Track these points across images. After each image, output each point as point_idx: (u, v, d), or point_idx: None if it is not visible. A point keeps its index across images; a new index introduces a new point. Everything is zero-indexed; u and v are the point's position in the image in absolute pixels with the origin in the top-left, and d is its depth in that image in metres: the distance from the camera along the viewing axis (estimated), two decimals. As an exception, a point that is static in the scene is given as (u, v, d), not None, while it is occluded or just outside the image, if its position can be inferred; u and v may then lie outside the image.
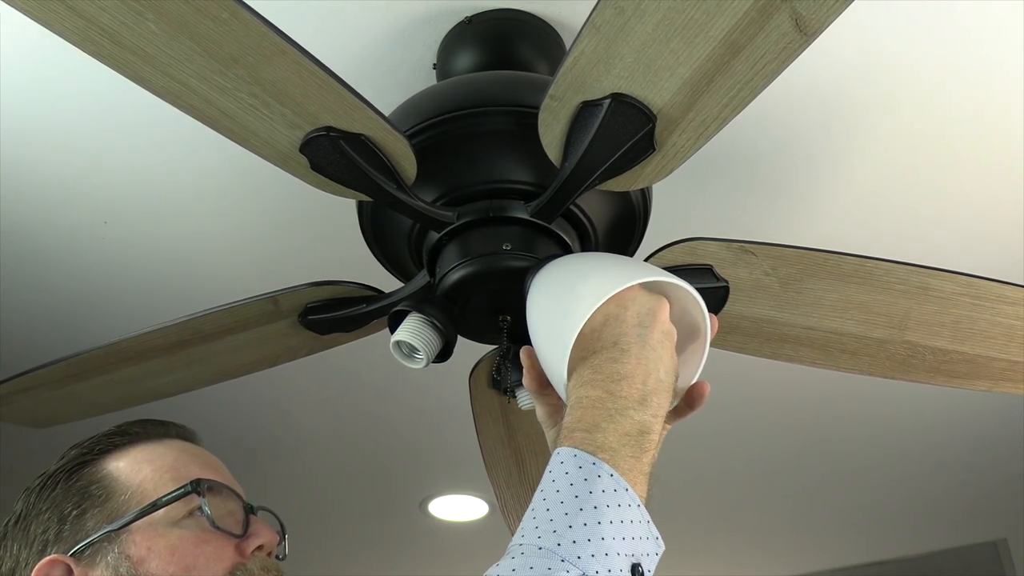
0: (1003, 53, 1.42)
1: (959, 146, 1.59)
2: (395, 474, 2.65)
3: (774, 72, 0.95)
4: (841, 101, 1.51)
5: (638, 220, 1.25)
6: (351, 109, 1.01)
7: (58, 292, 1.86)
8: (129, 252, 1.77)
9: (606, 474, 0.75)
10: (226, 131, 1.03)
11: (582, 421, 0.79)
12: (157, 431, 0.96)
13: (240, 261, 1.81)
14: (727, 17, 0.90)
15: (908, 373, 1.37)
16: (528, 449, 1.56)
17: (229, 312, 1.31)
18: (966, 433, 2.49)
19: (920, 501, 2.87)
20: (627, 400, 0.80)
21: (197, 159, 1.58)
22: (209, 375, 1.45)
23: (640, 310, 0.86)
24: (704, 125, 1.02)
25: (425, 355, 1.12)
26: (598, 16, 0.92)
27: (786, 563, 3.31)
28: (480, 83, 1.23)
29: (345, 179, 1.09)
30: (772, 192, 1.69)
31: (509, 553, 0.71)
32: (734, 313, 1.30)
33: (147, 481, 0.89)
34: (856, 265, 1.24)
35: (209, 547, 0.86)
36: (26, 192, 1.62)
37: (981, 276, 1.25)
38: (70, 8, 0.89)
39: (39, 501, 0.89)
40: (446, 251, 1.17)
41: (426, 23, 1.37)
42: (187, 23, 0.90)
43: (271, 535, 0.90)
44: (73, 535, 0.86)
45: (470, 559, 3.12)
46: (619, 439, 0.78)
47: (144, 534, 0.85)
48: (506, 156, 1.17)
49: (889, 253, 1.33)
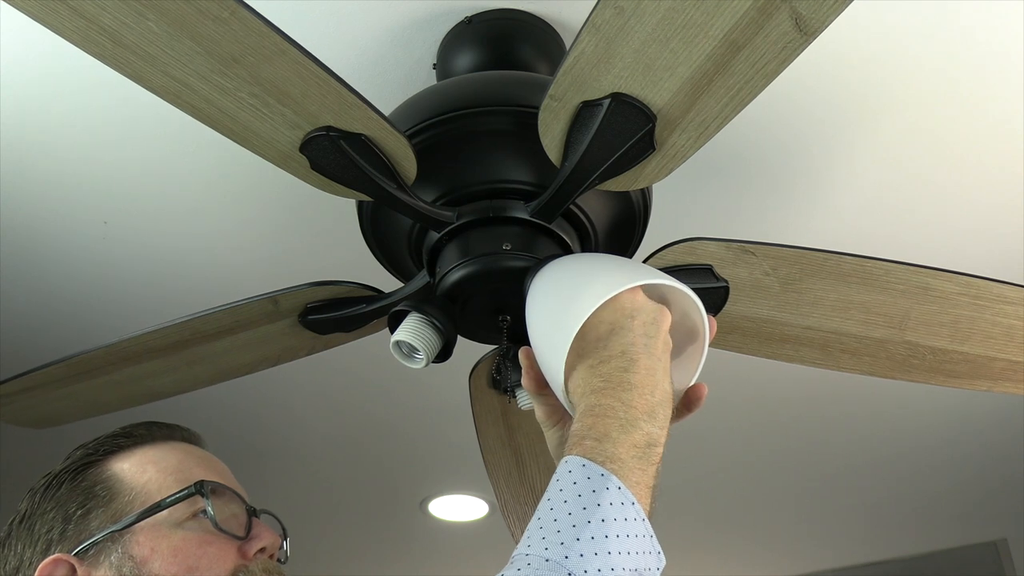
0: (1004, 53, 1.42)
1: (959, 146, 1.59)
2: (395, 474, 2.65)
3: (774, 72, 0.95)
4: (841, 101, 1.51)
5: (638, 220, 1.25)
6: (351, 109, 1.01)
7: (58, 292, 1.86)
8: (129, 252, 1.77)
9: (614, 486, 0.75)
10: (226, 131, 1.04)
11: (593, 429, 0.79)
12: (162, 433, 0.96)
13: (240, 261, 1.81)
14: (727, 17, 0.90)
15: (908, 373, 1.37)
16: (528, 449, 1.56)
17: (229, 312, 1.31)
18: (966, 433, 2.49)
19: (920, 501, 2.87)
20: (638, 411, 0.81)
21: (197, 159, 1.58)
22: (209, 375, 1.45)
23: (646, 319, 0.86)
24: (704, 125, 1.02)
25: (425, 355, 1.12)
26: (598, 16, 0.92)
27: (786, 563, 3.30)
28: (480, 83, 1.23)
29: (345, 179, 1.09)
30: (772, 192, 1.69)
31: (514, 562, 0.72)
32: (734, 313, 1.30)
33: (151, 482, 0.89)
34: (856, 265, 1.24)
35: (212, 548, 0.86)
36: (26, 192, 1.62)
37: (981, 276, 1.25)
38: (71, 8, 0.89)
39: (44, 501, 0.90)
40: (446, 251, 1.17)
41: (426, 23, 1.38)
42: (188, 23, 0.90)
43: (273, 537, 0.91)
44: (77, 535, 0.87)
45: (470, 559, 3.13)
46: (628, 450, 0.78)
47: (148, 535, 0.86)
48: (506, 156, 1.17)
49: (889, 253, 1.33)
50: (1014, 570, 3.07)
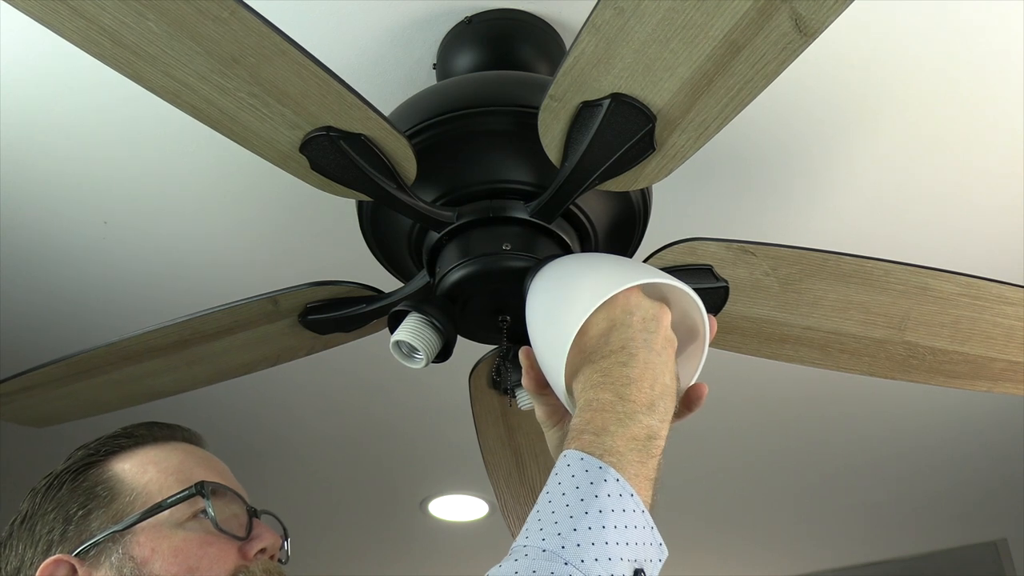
0: (1003, 54, 1.42)
1: (960, 146, 1.59)
2: (395, 474, 2.65)
3: (774, 72, 0.95)
4: (841, 101, 1.51)
5: (638, 220, 1.25)
6: (351, 109, 1.01)
7: (58, 292, 1.86)
8: (129, 252, 1.77)
9: (612, 479, 0.75)
10: (226, 131, 1.04)
11: (591, 424, 0.79)
12: (163, 434, 0.96)
13: (240, 261, 1.81)
14: (727, 17, 0.90)
15: (908, 373, 1.37)
16: (528, 449, 1.56)
17: (229, 312, 1.31)
18: (966, 433, 2.49)
19: (920, 501, 2.87)
20: (636, 404, 0.81)
21: (197, 159, 1.58)
22: (209, 375, 1.45)
23: (645, 315, 0.87)
24: (704, 125, 1.02)
25: (425, 355, 1.12)
26: (598, 16, 0.92)
27: (786, 563, 3.31)
28: (480, 83, 1.23)
29: (345, 179, 1.09)
30: (772, 192, 1.69)
31: (512, 554, 0.72)
32: (734, 313, 1.30)
33: (152, 483, 0.90)
34: (856, 265, 1.24)
35: (212, 549, 0.86)
36: (26, 192, 1.62)
37: (981, 276, 1.25)
38: (71, 8, 0.89)
39: (45, 501, 0.90)
40: (446, 251, 1.17)
41: (426, 23, 1.38)
42: (188, 23, 0.90)
43: (274, 538, 0.91)
44: (78, 535, 0.87)
45: (470, 559, 3.13)
46: (627, 443, 0.78)
47: (148, 535, 0.86)
48: (506, 156, 1.17)
49: (889, 253, 1.33)
50: (1014, 570, 3.07)
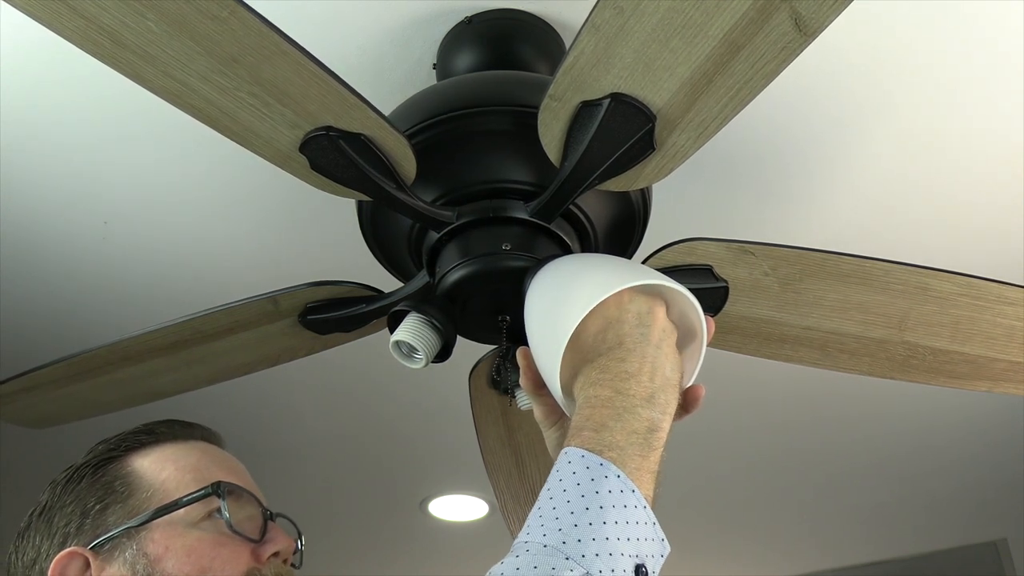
0: (1004, 53, 1.42)
1: (959, 146, 1.59)
2: (395, 474, 2.65)
3: (774, 72, 0.95)
4: (841, 101, 1.51)
5: (638, 220, 1.25)
6: (351, 109, 1.01)
7: (58, 292, 1.86)
8: (129, 252, 1.77)
9: (613, 474, 0.75)
10: (226, 131, 1.04)
11: (590, 420, 0.79)
12: (183, 432, 0.96)
13: (240, 261, 1.81)
14: (726, 17, 0.90)
15: (908, 373, 1.37)
16: (528, 449, 1.56)
17: (229, 312, 1.31)
18: (967, 434, 2.49)
19: (921, 501, 2.87)
20: (635, 398, 0.81)
21: (197, 159, 1.58)
22: (209, 375, 1.45)
23: (639, 310, 0.86)
24: (704, 125, 1.02)
25: (424, 355, 1.12)
26: (598, 16, 0.92)
27: (787, 563, 3.31)
28: (480, 83, 1.23)
29: (345, 179, 1.09)
30: (771, 192, 1.69)
31: (514, 551, 0.72)
32: (733, 313, 1.30)
33: (169, 480, 0.90)
34: (855, 265, 1.24)
35: (225, 550, 0.86)
36: (26, 192, 1.62)
37: (981, 276, 1.25)
38: (71, 8, 0.89)
39: (64, 493, 0.90)
40: (446, 251, 1.17)
41: (426, 23, 1.38)
42: (187, 23, 0.90)
43: (288, 542, 0.91)
44: (94, 529, 0.87)
45: (470, 559, 3.12)
46: (627, 437, 0.78)
47: (163, 533, 0.86)
48: (506, 156, 1.17)
49: (889, 253, 1.33)
50: (1014, 570, 3.07)
